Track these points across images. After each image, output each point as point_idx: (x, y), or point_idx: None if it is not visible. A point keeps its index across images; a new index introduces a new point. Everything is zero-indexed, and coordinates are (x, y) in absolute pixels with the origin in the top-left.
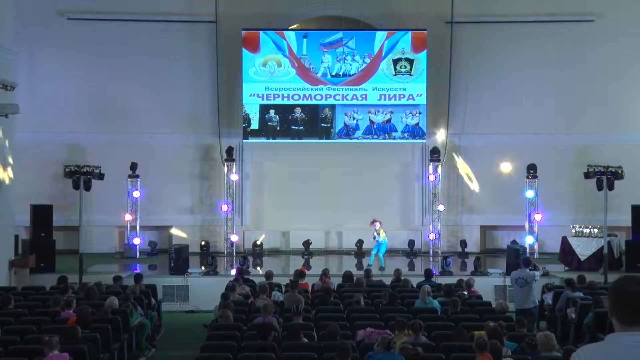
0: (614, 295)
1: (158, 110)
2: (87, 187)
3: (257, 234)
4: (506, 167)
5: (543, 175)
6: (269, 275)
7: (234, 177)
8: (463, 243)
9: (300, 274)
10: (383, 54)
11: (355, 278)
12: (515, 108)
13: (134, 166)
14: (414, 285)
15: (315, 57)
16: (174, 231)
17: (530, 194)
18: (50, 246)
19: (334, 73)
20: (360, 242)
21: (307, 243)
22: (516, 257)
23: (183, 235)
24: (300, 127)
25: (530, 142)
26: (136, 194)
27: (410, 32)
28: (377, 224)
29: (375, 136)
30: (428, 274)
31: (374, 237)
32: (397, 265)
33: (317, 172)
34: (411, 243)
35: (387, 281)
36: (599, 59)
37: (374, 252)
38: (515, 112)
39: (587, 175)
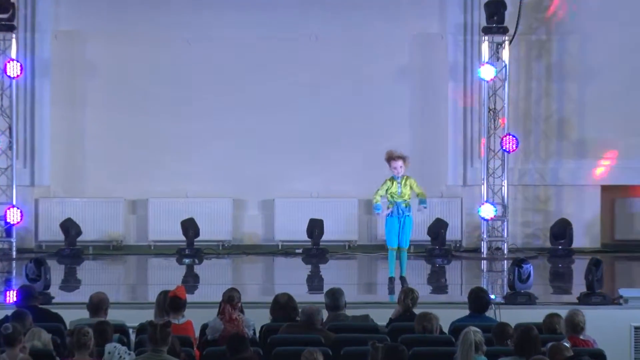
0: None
1: None
2: None
3: (69, 205)
4: None
5: None
6: (96, 304)
7: (14, 70)
8: (561, 227)
9: (172, 304)
10: None
11: (301, 310)
12: None
13: None
14: (444, 330)
15: None
16: None
17: None
18: None
19: None
20: (315, 226)
21: (189, 227)
22: None
23: None
24: None
25: None
26: None
27: None
28: (399, 163)
29: None
30: (478, 301)
31: (392, 199)
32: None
33: (215, 63)
34: (438, 228)
35: (383, 317)
36: None
37: (394, 243)
38: None
39: None
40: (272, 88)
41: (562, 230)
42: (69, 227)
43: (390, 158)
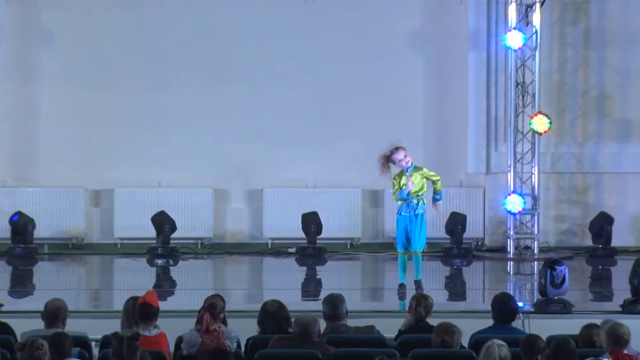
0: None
1: None
2: None
3: (21, 195)
4: None
5: None
6: (52, 312)
7: None
8: (601, 222)
9: (141, 312)
10: None
11: (294, 320)
12: None
13: None
14: (464, 343)
15: None
16: None
17: None
18: None
19: None
20: (311, 221)
21: (162, 222)
22: None
23: None
24: None
25: None
26: None
27: None
28: (402, 154)
29: None
30: (504, 309)
31: (406, 194)
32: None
33: (193, 29)
34: (454, 223)
35: (391, 327)
36: None
37: (403, 245)
38: None
39: None
40: (261, 59)
41: (602, 225)
42: (22, 222)
43: (391, 154)
